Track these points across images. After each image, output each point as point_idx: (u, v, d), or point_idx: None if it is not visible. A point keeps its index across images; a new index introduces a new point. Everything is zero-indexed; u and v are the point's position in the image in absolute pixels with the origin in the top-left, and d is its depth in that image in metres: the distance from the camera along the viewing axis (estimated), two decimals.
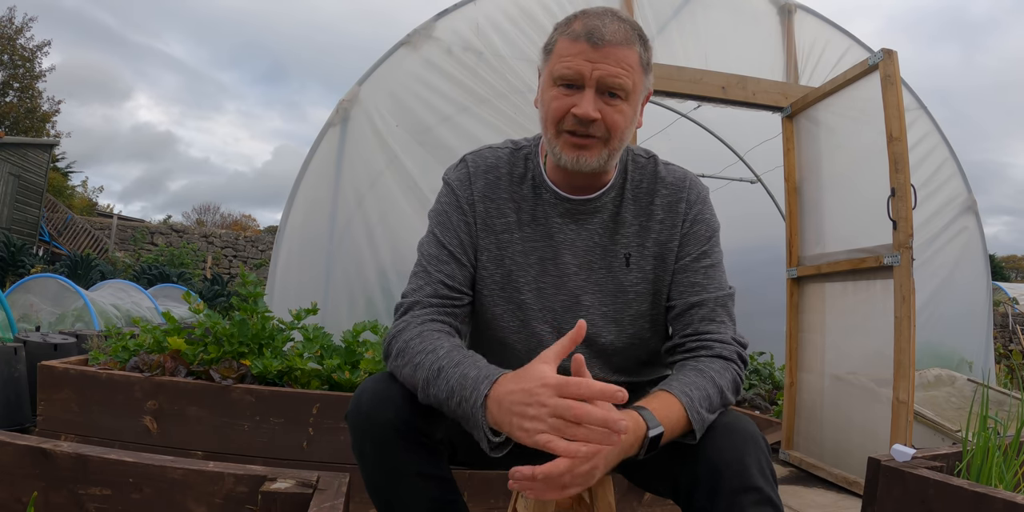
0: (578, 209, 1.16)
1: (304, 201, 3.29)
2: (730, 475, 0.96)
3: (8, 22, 22.29)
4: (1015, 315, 12.75)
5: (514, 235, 1.16)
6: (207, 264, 17.17)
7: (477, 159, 1.20)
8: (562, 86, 1.06)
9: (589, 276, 1.16)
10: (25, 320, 5.25)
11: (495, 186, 1.18)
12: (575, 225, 1.16)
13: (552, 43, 1.10)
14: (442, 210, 1.19)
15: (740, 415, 1.08)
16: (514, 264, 1.15)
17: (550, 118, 1.08)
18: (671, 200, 1.18)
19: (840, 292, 2.98)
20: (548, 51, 1.11)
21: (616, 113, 1.06)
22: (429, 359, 0.99)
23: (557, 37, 1.09)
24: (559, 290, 1.16)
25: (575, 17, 1.09)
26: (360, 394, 1.06)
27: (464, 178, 1.19)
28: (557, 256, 1.15)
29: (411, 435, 1.00)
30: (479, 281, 1.16)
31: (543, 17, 3.43)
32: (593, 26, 1.04)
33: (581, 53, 1.04)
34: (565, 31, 1.07)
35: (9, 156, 15.56)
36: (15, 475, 0.96)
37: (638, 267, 1.16)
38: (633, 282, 1.16)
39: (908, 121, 2.97)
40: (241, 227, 31.43)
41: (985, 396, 2.03)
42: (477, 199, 1.16)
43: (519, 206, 1.17)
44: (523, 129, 3.31)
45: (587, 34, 1.04)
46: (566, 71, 1.04)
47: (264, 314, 2.39)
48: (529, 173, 1.19)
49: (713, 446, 0.99)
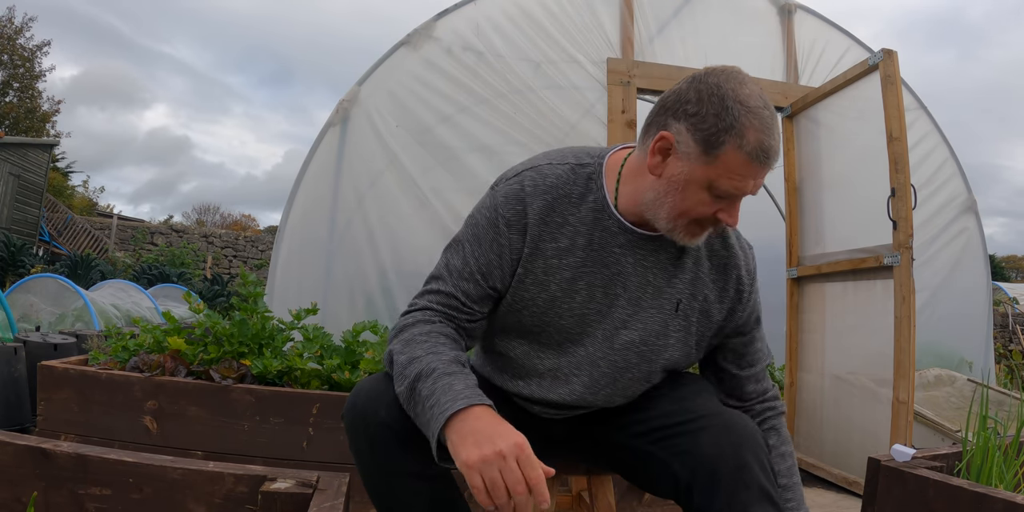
0: (641, 244, 1.11)
1: (304, 201, 3.29)
2: (729, 472, 0.96)
3: (8, 22, 22.30)
4: (1015, 315, 12.74)
5: (563, 260, 1.10)
6: (207, 264, 17.17)
7: (536, 177, 1.11)
8: (715, 196, 1.02)
9: (636, 313, 1.12)
10: (25, 320, 5.25)
11: (551, 209, 1.10)
12: (633, 259, 1.11)
13: (720, 145, 0.98)
14: (480, 223, 1.12)
15: (740, 413, 1.09)
16: (560, 290, 1.11)
17: (689, 215, 1.04)
18: (728, 263, 1.17)
19: (840, 292, 2.98)
20: (710, 150, 0.99)
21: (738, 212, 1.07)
22: (429, 358, 1.00)
23: (728, 144, 0.98)
24: (602, 319, 1.12)
25: (747, 123, 0.98)
26: (356, 394, 1.07)
27: (515, 196, 1.10)
28: (608, 286, 1.12)
29: (404, 435, 1.00)
30: (520, 301, 1.12)
31: (543, 17, 3.43)
32: (768, 146, 0.99)
33: (751, 174, 1.00)
34: (740, 143, 0.98)
35: (9, 156, 15.56)
36: (15, 475, 0.96)
37: (684, 316, 1.14)
38: (676, 328, 1.14)
39: (908, 121, 2.97)
40: (241, 227, 31.42)
41: (985, 396, 2.03)
42: (531, 222, 1.09)
43: (575, 230, 1.11)
44: (523, 129, 3.31)
45: (763, 156, 0.99)
46: (732, 190, 1.01)
47: (264, 314, 2.39)
48: (591, 195, 1.11)
49: (712, 443, 1.00)
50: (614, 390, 1.15)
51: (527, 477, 0.88)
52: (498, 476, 0.87)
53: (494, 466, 0.87)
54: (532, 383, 1.16)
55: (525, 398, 1.19)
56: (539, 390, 1.16)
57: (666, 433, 1.07)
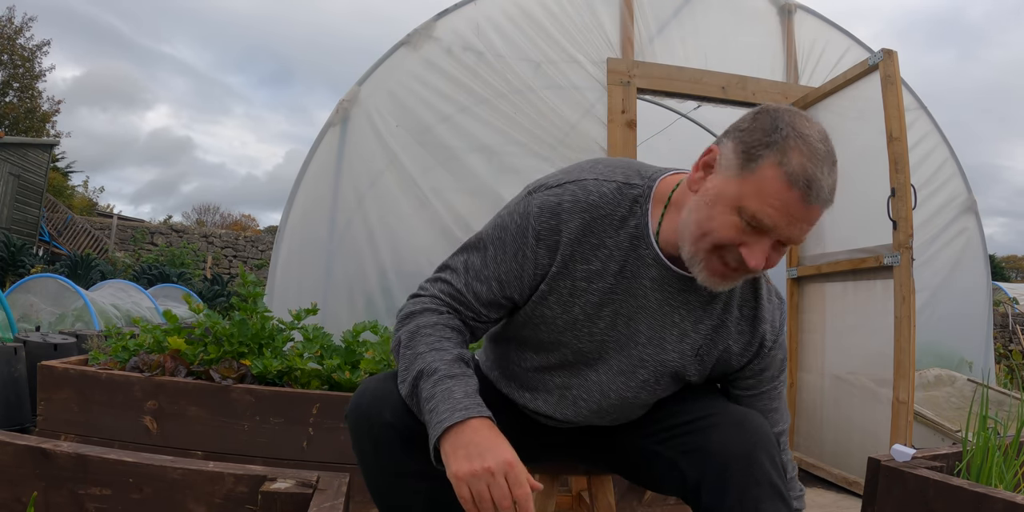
0: (672, 282, 1.05)
1: (304, 201, 3.29)
2: (740, 469, 0.96)
3: (8, 22, 22.30)
4: (1015, 315, 12.74)
5: (593, 284, 1.05)
6: (207, 264, 17.17)
7: (579, 193, 1.03)
8: (746, 222, 0.92)
9: (655, 353, 1.08)
10: (25, 320, 5.25)
11: (588, 229, 1.03)
12: (660, 296, 1.06)
13: (757, 159, 0.91)
14: (508, 228, 1.05)
15: (748, 411, 1.08)
16: (583, 314, 1.06)
17: (710, 238, 0.94)
18: (756, 315, 1.10)
19: (840, 292, 2.98)
20: (748, 166, 0.92)
21: (778, 256, 0.97)
22: (432, 355, 0.99)
23: (768, 161, 0.90)
24: (621, 349, 1.09)
25: (794, 145, 0.90)
26: (360, 394, 1.07)
27: (552, 210, 1.03)
28: (632, 318, 1.07)
29: (408, 434, 1.00)
30: (539, 317, 1.08)
31: (543, 17, 3.43)
32: (814, 177, 0.89)
33: (789, 205, 0.90)
34: (782, 159, 0.89)
35: (9, 156, 15.56)
36: (15, 475, 0.96)
37: (701, 362, 1.10)
38: (691, 374, 1.11)
39: (908, 121, 2.97)
40: (241, 227, 31.41)
41: (985, 396, 2.03)
42: (564, 241, 1.02)
43: (610, 254, 1.04)
44: (523, 129, 3.31)
45: (806, 186, 0.89)
46: (763, 219, 0.90)
47: (264, 314, 2.39)
48: (633, 220, 1.04)
49: (722, 440, 0.99)
50: (620, 415, 1.15)
51: (514, 494, 0.90)
52: (485, 490, 0.90)
53: (482, 480, 0.90)
54: (539, 398, 1.16)
55: (530, 410, 1.19)
56: (545, 406, 1.15)
57: (673, 432, 1.07)
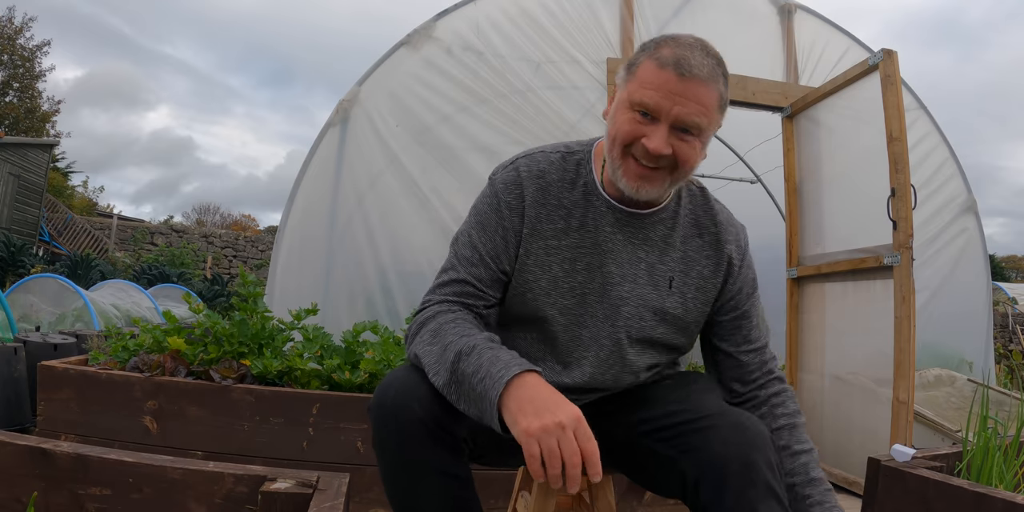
0: (630, 222, 1.17)
1: (304, 201, 3.29)
2: (738, 470, 0.97)
3: (8, 22, 22.30)
4: (1015, 315, 12.74)
5: (562, 241, 1.15)
6: (207, 264, 17.17)
7: (530, 163, 1.18)
8: (638, 112, 1.05)
9: (632, 289, 1.17)
10: (25, 320, 5.25)
11: (545, 192, 1.16)
12: (623, 237, 1.16)
13: (636, 63, 1.08)
14: (483, 211, 1.18)
15: (747, 413, 1.09)
16: (561, 270, 1.16)
17: (619, 140, 1.07)
18: (718, 239, 1.21)
19: (840, 292, 2.98)
20: (631, 70, 1.08)
21: (687, 147, 1.06)
22: (464, 340, 1.01)
23: (643, 59, 1.06)
24: (602, 298, 1.16)
25: (664, 42, 1.06)
26: (386, 387, 1.06)
27: (513, 181, 1.17)
28: (603, 264, 1.16)
29: (436, 431, 1.00)
30: (523, 284, 1.16)
31: (543, 17, 3.43)
32: (682, 56, 1.02)
33: (665, 84, 1.02)
34: (653, 54, 1.05)
35: (9, 156, 15.56)
36: (15, 475, 0.96)
37: (679, 293, 1.19)
38: (672, 305, 1.18)
39: (908, 121, 2.97)
40: (241, 227, 31.42)
41: (985, 396, 2.03)
42: (528, 204, 1.15)
43: (569, 212, 1.16)
44: (523, 129, 3.31)
45: (675, 63, 1.02)
46: (647, 100, 1.03)
47: (264, 314, 2.39)
48: (581, 179, 1.18)
49: (721, 441, 1.00)
50: (622, 367, 1.19)
51: (583, 449, 0.89)
52: (555, 446, 0.88)
53: (553, 436, 0.89)
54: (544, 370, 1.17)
55: None
56: (550, 375, 1.18)
57: (674, 431, 1.08)
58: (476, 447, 1.12)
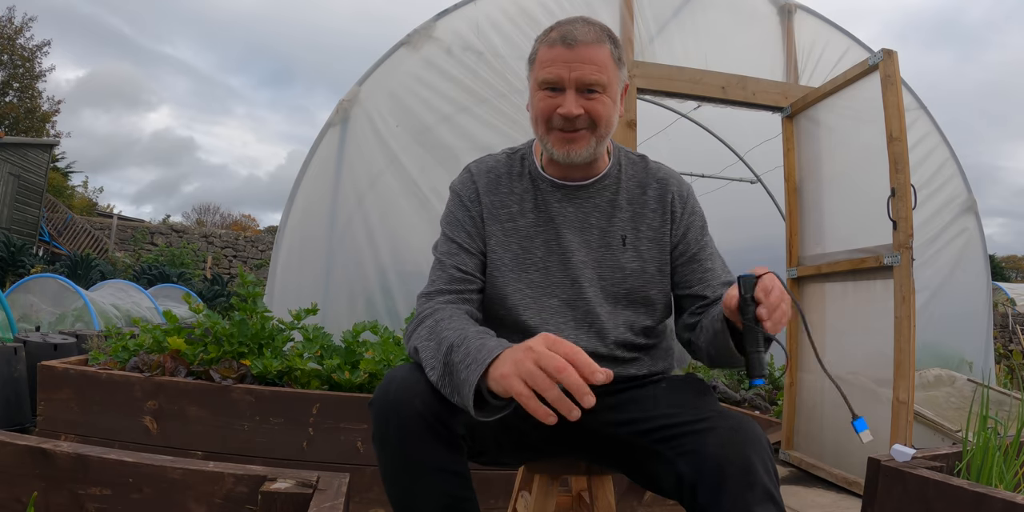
0: (575, 193, 1.28)
1: (304, 201, 3.29)
2: (735, 472, 0.97)
3: (8, 22, 22.29)
4: (1015, 315, 12.74)
5: (518, 222, 1.27)
6: (207, 264, 17.17)
7: (479, 164, 1.33)
8: (547, 90, 1.18)
9: (588, 253, 1.26)
10: (25, 320, 5.25)
11: (496, 183, 1.29)
12: (572, 207, 1.27)
13: (534, 53, 1.22)
14: (449, 212, 1.30)
15: (745, 417, 1.10)
16: (520, 248, 1.26)
17: (539, 118, 1.20)
18: (661, 192, 1.30)
19: (840, 292, 2.98)
20: (532, 60, 1.23)
21: (597, 104, 1.17)
22: (457, 333, 1.04)
23: (538, 46, 1.22)
24: (565, 267, 1.26)
25: (551, 28, 1.21)
26: (388, 383, 1.07)
27: (467, 180, 1.31)
28: (559, 236, 1.26)
29: (436, 426, 1.01)
30: (490, 264, 1.25)
31: (543, 17, 3.43)
32: (566, 31, 1.16)
33: (558, 57, 1.16)
34: (544, 40, 1.20)
35: (9, 156, 15.56)
36: (15, 475, 0.96)
37: (633, 248, 1.28)
38: (629, 260, 1.27)
39: (908, 121, 2.97)
40: (241, 227, 31.43)
41: (985, 396, 2.03)
42: (482, 193, 1.28)
43: (521, 198, 1.28)
44: (523, 129, 3.31)
45: (561, 39, 1.16)
46: (548, 76, 1.17)
47: (264, 314, 2.39)
48: (526, 170, 1.31)
49: (719, 444, 1.01)
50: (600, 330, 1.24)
51: (565, 355, 0.85)
52: (535, 367, 0.85)
53: (527, 361, 0.86)
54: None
55: None
56: None
57: (672, 432, 1.08)
58: (475, 444, 1.12)
